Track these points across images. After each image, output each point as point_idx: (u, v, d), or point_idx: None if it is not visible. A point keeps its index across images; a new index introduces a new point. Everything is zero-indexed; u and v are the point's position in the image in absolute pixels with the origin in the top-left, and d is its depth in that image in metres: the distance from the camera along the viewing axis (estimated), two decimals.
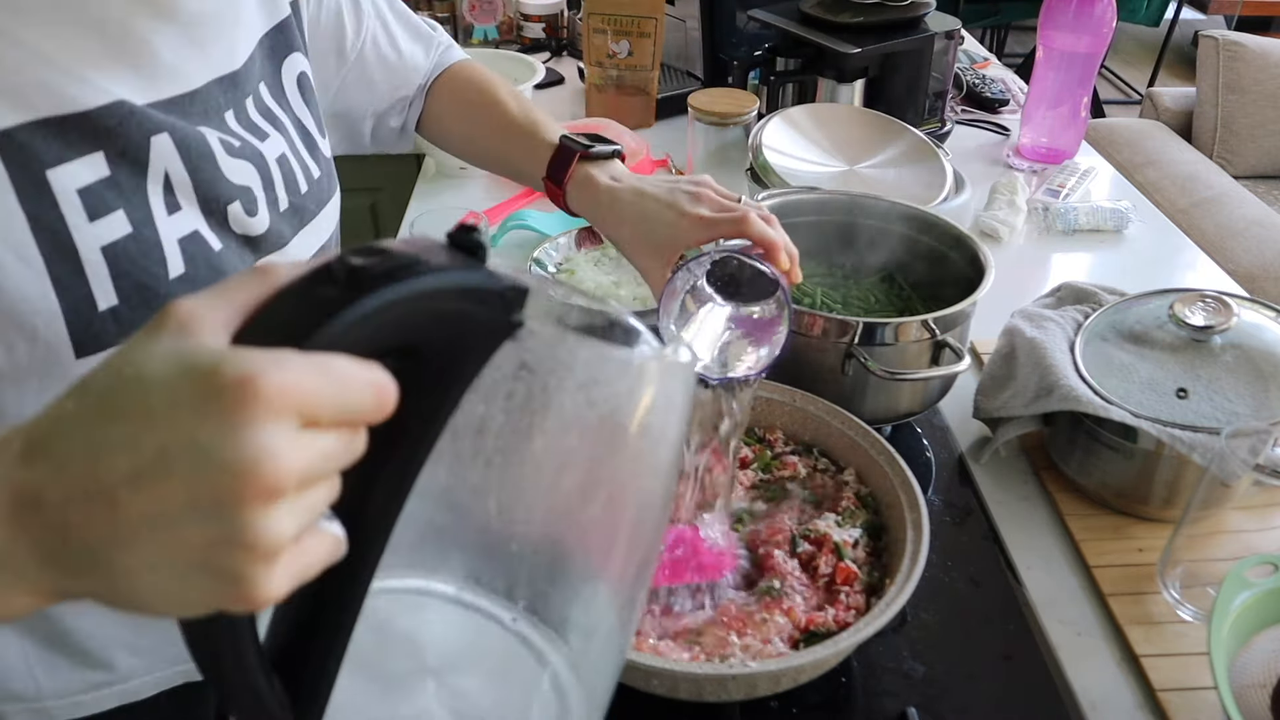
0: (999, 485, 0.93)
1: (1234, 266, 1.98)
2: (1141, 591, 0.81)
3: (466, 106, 0.97)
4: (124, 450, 0.30)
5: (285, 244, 0.73)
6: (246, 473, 0.29)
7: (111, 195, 0.60)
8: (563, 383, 0.37)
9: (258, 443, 0.29)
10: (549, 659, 0.41)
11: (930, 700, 0.73)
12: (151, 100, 0.62)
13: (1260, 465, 0.73)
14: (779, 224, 0.78)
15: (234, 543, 0.30)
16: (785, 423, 0.87)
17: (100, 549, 0.31)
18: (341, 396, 0.31)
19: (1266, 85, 2.66)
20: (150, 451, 0.30)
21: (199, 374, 0.30)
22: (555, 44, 1.96)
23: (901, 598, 0.67)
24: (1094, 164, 1.53)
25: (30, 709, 0.74)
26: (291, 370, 0.30)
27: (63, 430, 0.32)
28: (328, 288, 0.31)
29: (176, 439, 0.29)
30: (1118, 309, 0.93)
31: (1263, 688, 0.69)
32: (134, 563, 0.31)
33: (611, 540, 0.42)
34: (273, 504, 0.30)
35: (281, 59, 0.77)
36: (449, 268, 0.33)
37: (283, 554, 0.31)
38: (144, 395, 0.30)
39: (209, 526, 0.30)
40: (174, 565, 0.30)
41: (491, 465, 0.38)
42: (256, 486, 0.29)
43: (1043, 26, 1.48)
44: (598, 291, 1.17)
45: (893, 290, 1.04)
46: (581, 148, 0.85)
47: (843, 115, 1.37)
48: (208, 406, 0.29)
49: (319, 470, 0.31)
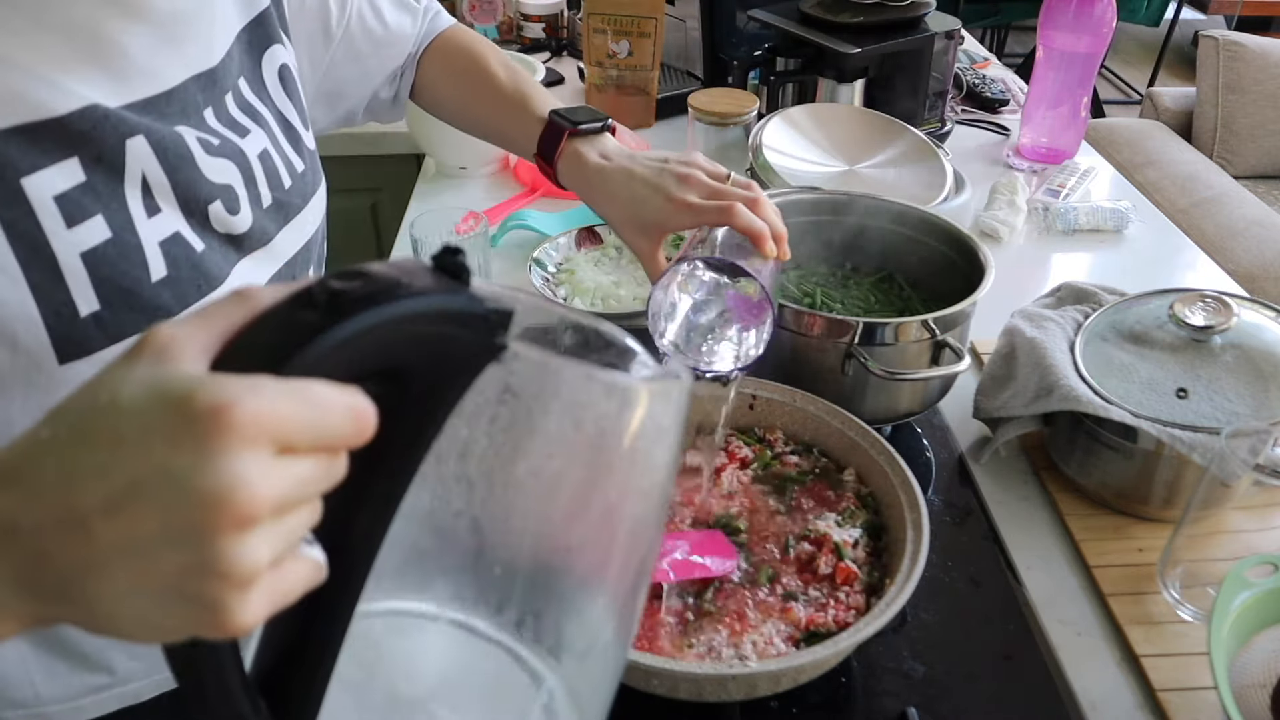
0: (999, 485, 0.93)
1: (1234, 266, 1.98)
2: (1141, 591, 0.81)
3: (457, 75, 0.97)
4: (97, 477, 0.30)
5: (270, 240, 0.72)
6: (219, 501, 0.29)
7: (89, 200, 0.59)
8: (548, 406, 0.36)
9: (231, 471, 0.29)
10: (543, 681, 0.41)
11: (930, 700, 0.73)
12: (126, 102, 0.62)
13: (1260, 465, 0.73)
14: (766, 203, 0.78)
15: (208, 571, 0.29)
16: (785, 423, 0.87)
17: (75, 577, 0.31)
18: (319, 422, 0.31)
19: (1266, 85, 2.66)
20: (123, 479, 0.29)
21: (173, 401, 0.29)
22: (555, 44, 1.96)
23: (901, 598, 0.67)
24: (1094, 164, 1.53)
25: (30, 714, 0.73)
26: (266, 397, 0.29)
27: (36, 457, 0.31)
28: (308, 312, 0.31)
29: (149, 467, 0.29)
30: (1118, 309, 0.93)
31: (1263, 688, 0.69)
32: (109, 590, 0.31)
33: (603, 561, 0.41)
34: (247, 532, 0.30)
35: (261, 52, 0.76)
36: (431, 291, 0.33)
37: (259, 581, 0.30)
38: (117, 422, 0.30)
39: (183, 554, 0.29)
40: (149, 593, 0.30)
41: (475, 489, 0.37)
42: (230, 515, 0.29)
43: (1043, 26, 1.48)
44: (598, 292, 1.17)
45: (893, 290, 1.04)
46: (570, 125, 0.85)
47: (843, 115, 1.37)
48: (181, 434, 0.29)
49: (296, 496, 0.31)
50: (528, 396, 0.36)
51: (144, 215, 0.62)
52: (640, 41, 1.57)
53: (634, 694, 0.66)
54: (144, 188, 0.62)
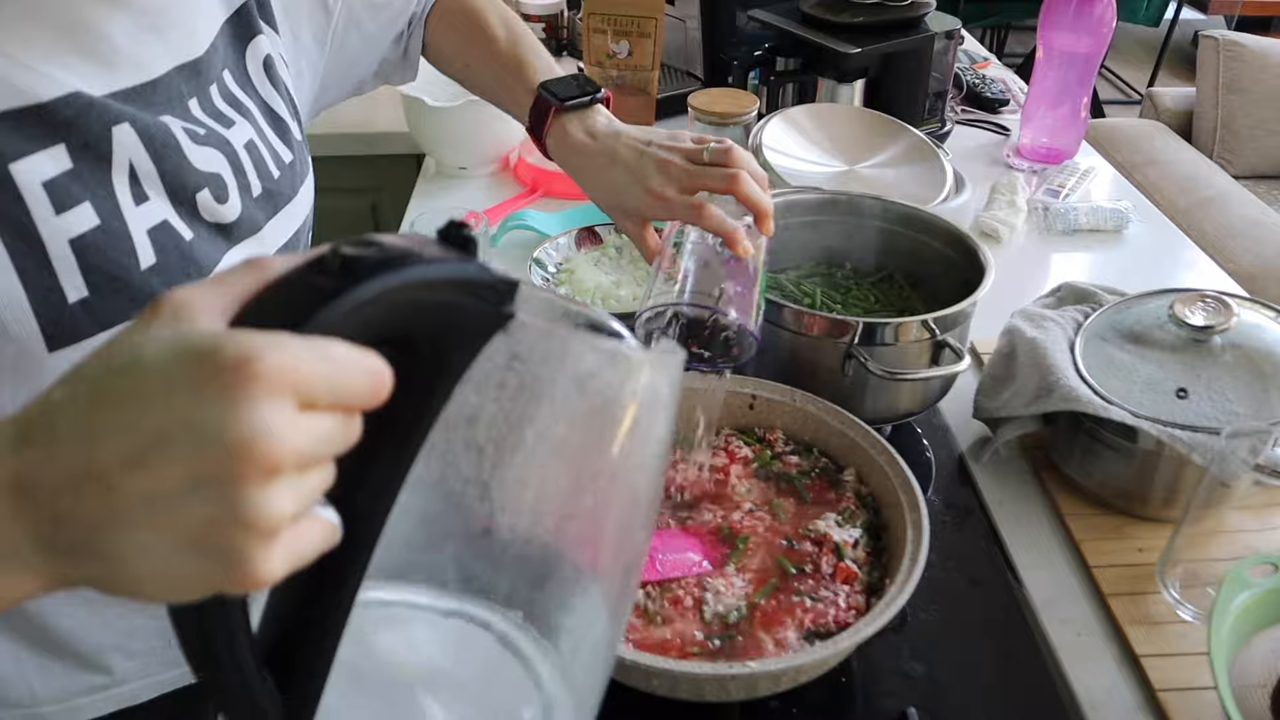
0: (999, 485, 0.93)
1: (1234, 266, 1.98)
2: (1141, 591, 0.81)
3: (459, 36, 0.96)
4: (119, 432, 0.30)
5: (259, 230, 0.72)
6: (247, 449, 0.29)
7: (77, 188, 0.59)
8: (555, 373, 0.37)
9: (258, 420, 0.29)
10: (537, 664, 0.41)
11: (930, 700, 0.73)
12: (111, 90, 0.62)
13: (1260, 465, 0.73)
14: (745, 179, 0.76)
15: (233, 521, 0.30)
16: (785, 423, 0.87)
17: (95, 533, 0.31)
18: (338, 379, 0.31)
19: (1266, 85, 2.66)
20: (147, 432, 0.30)
21: (197, 355, 0.30)
22: (555, 44, 1.96)
23: (901, 598, 0.67)
24: (1094, 164, 1.53)
25: (26, 715, 0.73)
26: (289, 352, 0.30)
27: (53, 418, 0.32)
28: (322, 277, 0.31)
29: (174, 419, 0.29)
30: (1118, 309, 0.93)
31: (1263, 688, 0.69)
32: (131, 546, 0.31)
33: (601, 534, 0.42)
34: (272, 482, 0.30)
35: (245, 44, 0.76)
36: (442, 259, 0.33)
37: (281, 533, 0.31)
38: (140, 378, 0.30)
39: (208, 505, 0.30)
40: (172, 547, 0.30)
41: (484, 455, 0.38)
42: (256, 464, 0.29)
43: (1043, 26, 1.48)
44: (597, 292, 1.17)
45: (893, 290, 1.04)
46: (557, 102, 0.84)
47: (842, 115, 1.37)
48: (206, 387, 0.29)
49: (315, 453, 0.31)
50: (535, 363, 0.37)
51: (132, 203, 0.62)
52: (640, 41, 1.57)
53: (634, 694, 0.66)
54: (131, 176, 0.62)
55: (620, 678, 0.67)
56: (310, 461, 0.31)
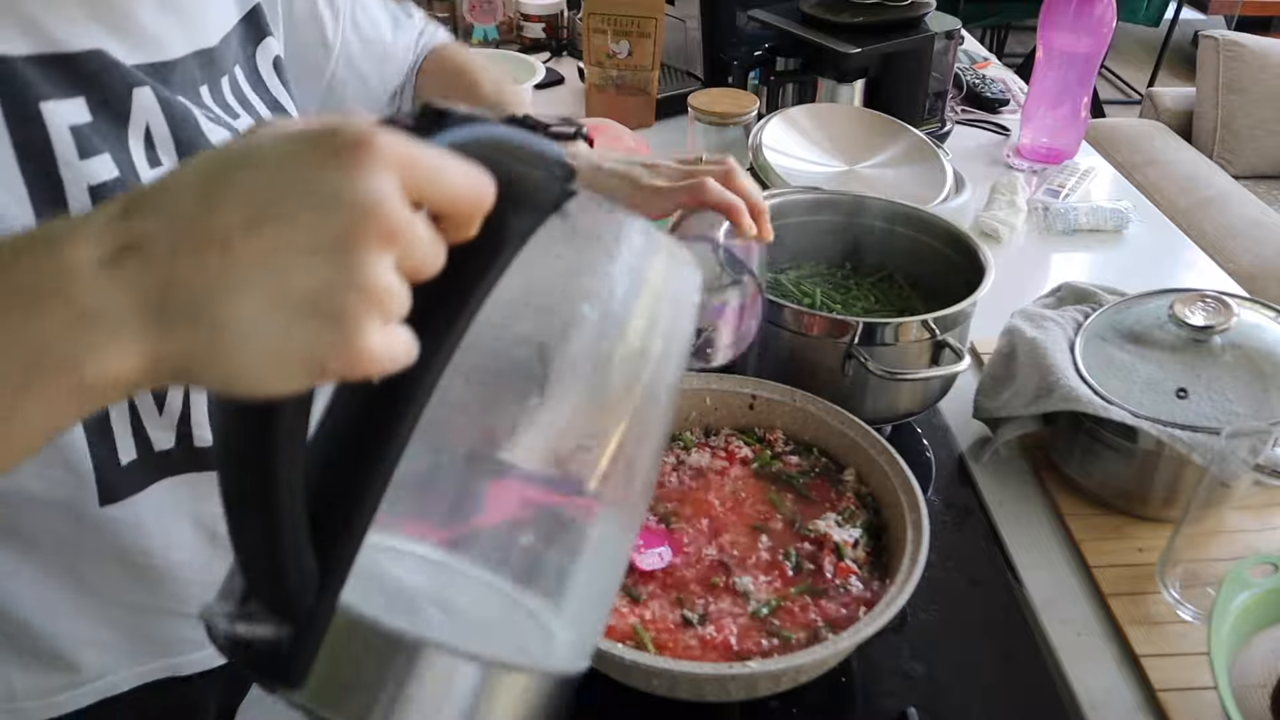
0: (999, 485, 0.93)
1: (1234, 266, 1.97)
2: (1141, 591, 0.81)
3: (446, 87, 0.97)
4: (238, 199, 0.30)
5: None
6: (369, 213, 0.30)
7: (97, 140, 0.60)
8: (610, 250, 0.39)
9: (379, 186, 0.30)
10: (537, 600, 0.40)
11: (930, 700, 0.73)
12: (134, 63, 0.63)
13: (1260, 465, 0.73)
14: (740, 173, 0.76)
15: (349, 285, 0.30)
16: (785, 423, 0.87)
17: (205, 297, 0.30)
18: (446, 175, 0.32)
19: (1266, 85, 2.67)
20: (268, 198, 0.30)
21: (315, 136, 0.31)
22: (555, 44, 1.96)
23: (901, 598, 0.67)
24: (1094, 164, 1.53)
25: (6, 710, 0.73)
26: (404, 141, 0.31)
27: (169, 191, 0.32)
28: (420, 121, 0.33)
29: (296, 187, 0.30)
30: (1118, 309, 0.93)
31: (1263, 688, 0.69)
32: (240, 311, 0.30)
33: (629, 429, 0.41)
34: (390, 248, 0.30)
35: (256, 44, 0.77)
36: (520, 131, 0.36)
37: (391, 306, 0.31)
38: (259, 158, 0.31)
39: (324, 269, 0.30)
40: (282, 311, 0.30)
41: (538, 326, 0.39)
42: (378, 227, 0.30)
43: (1043, 27, 1.48)
44: None
45: (893, 290, 1.04)
46: None
47: (842, 115, 1.37)
48: (327, 156, 0.30)
49: (416, 250, 0.32)
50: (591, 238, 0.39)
51: (146, 165, 0.63)
52: (640, 41, 1.57)
53: (634, 694, 0.66)
54: (147, 139, 0.63)
55: (620, 678, 0.67)
56: (413, 253, 0.32)
